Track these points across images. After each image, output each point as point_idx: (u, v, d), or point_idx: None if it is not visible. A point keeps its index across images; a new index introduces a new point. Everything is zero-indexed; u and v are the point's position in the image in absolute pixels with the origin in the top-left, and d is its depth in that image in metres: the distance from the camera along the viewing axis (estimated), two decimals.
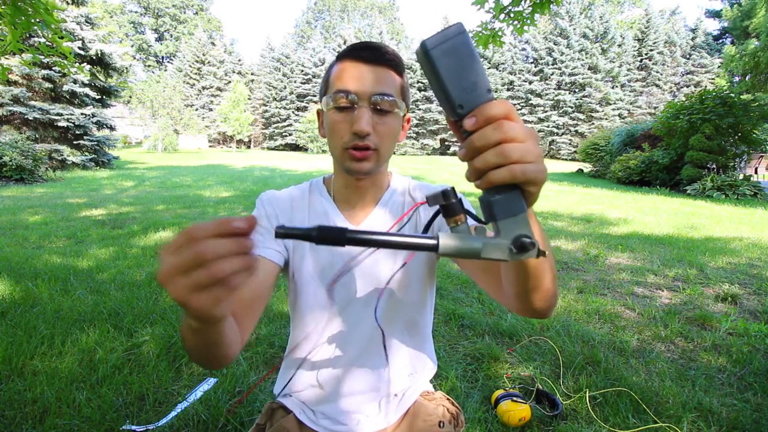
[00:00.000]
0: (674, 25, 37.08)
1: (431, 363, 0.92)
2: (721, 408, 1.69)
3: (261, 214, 0.81)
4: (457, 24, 0.37)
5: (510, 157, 0.37)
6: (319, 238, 0.38)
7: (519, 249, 0.38)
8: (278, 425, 0.83)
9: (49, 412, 1.56)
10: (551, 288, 0.55)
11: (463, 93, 0.37)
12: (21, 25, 1.99)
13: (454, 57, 0.36)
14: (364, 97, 0.69)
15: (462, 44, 0.36)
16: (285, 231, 0.39)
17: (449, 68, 0.36)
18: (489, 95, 0.37)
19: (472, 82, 0.37)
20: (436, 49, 0.36)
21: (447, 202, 0.39)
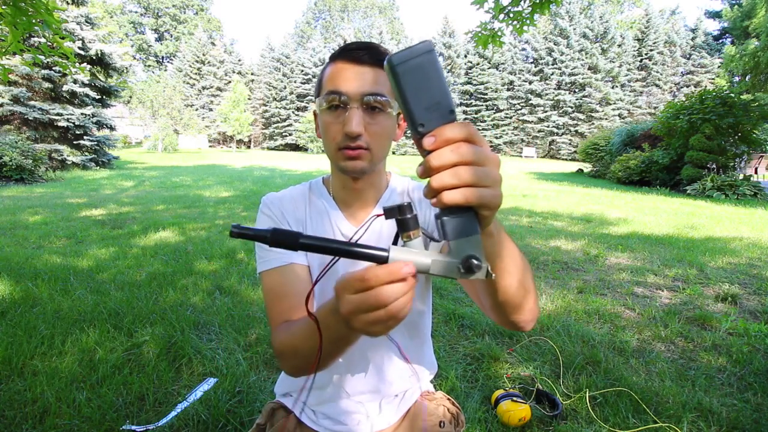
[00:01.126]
0: (674, 25, 37.06)
1: (432, 364, 0.92)
2: (721, 408, 1.70)
3: (268, 219, 0.82)
4: (426, 42, 0.37)
5: (464, 180, 0.37)
6: (272, 241, 0.40)
7: (466, 270, 0.39)
8: (278, 425, 0.83)
9: (49, 412, 1.56)
10: (528, 306, 0.58)
11: (425, 112, 0.37)
12: (22, 25, 1.99)
13: (418, 75, 0.36)
14: (355, 97, 0.69)
15: (428, 63, 0.36)
16: (240, 231, 0.40)
17: (413, 86, 0.36)
18: (451, 116, 0.38)
19: (435, 102, 0.37)
20: (401, 65, 0.36)
21: (402, 217, 0.40)
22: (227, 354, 2.03)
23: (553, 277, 3.39)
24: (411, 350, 0.86)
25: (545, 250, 4.17)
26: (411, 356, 0.87)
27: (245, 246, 3.94)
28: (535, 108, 34.41)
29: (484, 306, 0.63)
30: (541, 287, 3.10)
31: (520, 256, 0.54)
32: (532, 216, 6.28)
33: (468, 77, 35.46)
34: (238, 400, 1.69)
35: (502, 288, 0.54)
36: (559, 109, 34.08)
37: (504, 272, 0.52)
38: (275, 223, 0.80)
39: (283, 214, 0.81)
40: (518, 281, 0.54)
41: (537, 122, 34.56)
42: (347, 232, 0.81)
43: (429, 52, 0.36)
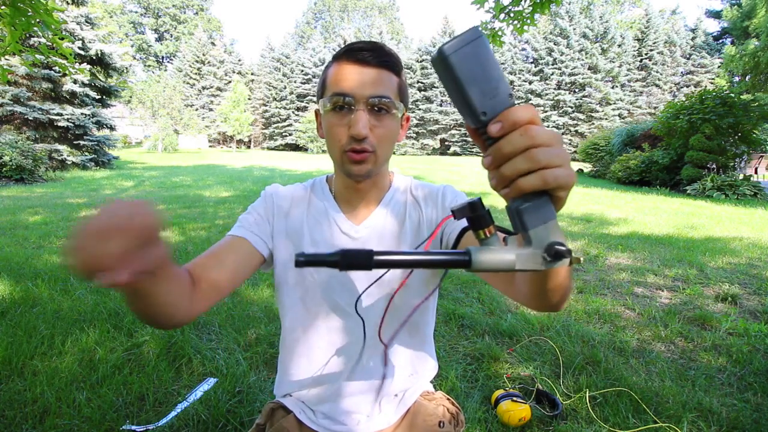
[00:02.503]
0: (674, 25, 37.07)
1: (432, 363, 0.92)
2: (721, 408, 1.69)
3: (261, 202, 0.84)
4: (474, 28, 0.36)
5: (540, 162, 0.36)
6: (344, 264, 0.37)
7: (553, 257, 0.37)
8: (278, 425, 0.83)
9: (49, 412, 1.56)
10: (569, 284, 0.54)
11: (486, 99, 0.36)
12: (21, 26, 1.99)
13: (473, 62, 0.35)
14: (361, 99, 0.68)
15: (481, 48, 0.35)
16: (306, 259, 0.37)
17: (470, 74, 0.35)
18: (511, 100, 0.36)
19: (494, 87, 0.36)
20: (455, 54, 0.35)
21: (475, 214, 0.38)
22: (227, 354, 2.03)
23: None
24: (412, 350, 0.86)
25: None
26: (411, 356, 0.87)
27: None
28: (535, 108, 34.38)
29: (519, 293, 0.59)
30: None
31: None
32: None
33: None
34: (238, 400, 1.69)
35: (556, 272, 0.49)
36: (559, 109, 34.09)
37: None
38: (265, 212, 0.82)
39: (275, 204, 0.83)
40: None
41: None
42: (347, 229, 0.81)
43: (480, 37, 0.35)
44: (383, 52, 0.70)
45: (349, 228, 0.81)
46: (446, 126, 36.48)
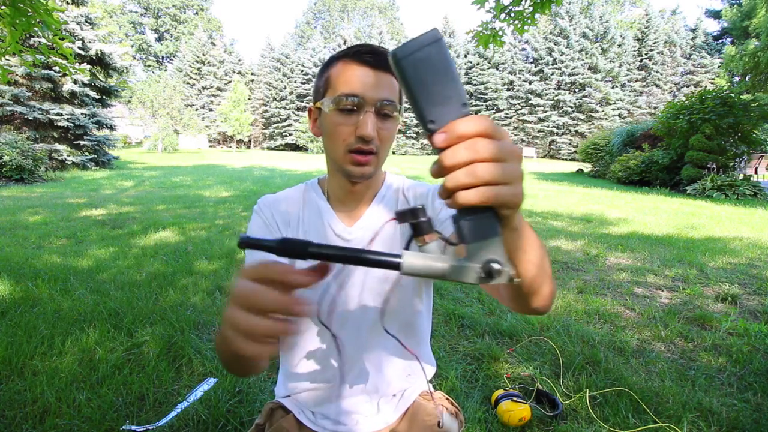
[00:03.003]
0: (674, 25, 37.06)
1: (430, 364, 0.92)
2: (721, 408, 1.70)
3: (258, 219, 0.83)
4: (432, 31, 0.33)
5: (481, 178, 0.34)
6: (281, 251, 0.38)
7: (486, 275, 0.36)
8: (277, 425, 0.83)
9: (49, 412, 1.56)
10: (547, 290, 0.55)
11: (435, 107, 0.34)
12: (21, 26, 1.99)
13: (426, 68, 0.33)
14: (370, 101, 0.69)
15: (436, 54, 0.33)
16: (248, 242, 0.38)
17: (420, 80, 0.33)
18: (464, 109, 0.35)
19: (446, 95, 0.34)
20: (406, 59, 0.33)
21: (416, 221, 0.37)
22: None
23: (553, 276, 3.38)
24: (411, 349, 0.86)
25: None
26: (409, 356, 0.87)
27: None
28: (535, 108, 34.41)
29: (501, 296, 0.62)
30: None
31: (539, 244, 0.52)
32: (532, 216, 6.28)
33: (468, 77, 35.46)
34: (238, 400, 1.69)
35: (526, 280, 0.51)
36: (559, 109, 34.08)
37: (528, 264, 0.50)
38: (264, 224, 0.81)
39: (273, 215, 0.82)
40: (540, 269, 0.52)
41: (537, 122, 34.56)
42: (340, 231, 0.81)
43: (436, 41, 0.33)
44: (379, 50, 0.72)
45: (342, 230, 0.81)
46: None
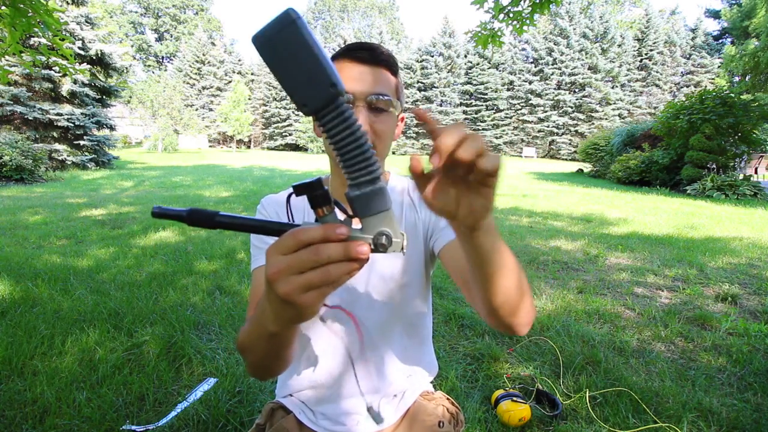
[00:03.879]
0: (674, 25, 37.06)
1: (431, 365, 0.92)
2: (721, 408, 1.70)
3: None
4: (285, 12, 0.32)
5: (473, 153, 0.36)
6: (190, 220, 0.39)
7: (378, 246, 0.38)
8: (278, 425, 0.83)
9: (49, 412, 1.56)
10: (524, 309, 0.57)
11: (304, 89, 0.34)
12: (21, 26, 1.99)
13: (284, 51, 0.32)
14: (360, 96, 0.70)
15: (293, 36, 0.32)
16: (161, 211, 0.39)
17: (281, 64, 0.33)
18: (332, 90, 0.34)
19: (310, 78, 0.33)
20: (264, 45, 0.33)
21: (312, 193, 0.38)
22: (227, 354, 2.03)
23: (553, 277, 3.39)
24: (410, 351, 0.86)
25: (545, 250, 4.17)
26: (410, 357, 0.87)
27: (245, 246, 3.94)
28: (535, 108, 34.41)
29: (481, 311, 0.62)
30: (541, 287, 3.10)
31: (514, 263, 0.53)
32: (532, 216, 6.28)
33: (468, 77, 35.47)
34: (238, 400, 1.69)
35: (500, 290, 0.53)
36: (559, 109, 34.08)
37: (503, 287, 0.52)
38: None
39: (278, 214, 0.83)
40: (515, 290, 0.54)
41: (537, 122, 34.56)
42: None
43: (290, 23, 0.32)
44: (381, 52, 0.72)
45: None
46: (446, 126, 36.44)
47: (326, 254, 0.36)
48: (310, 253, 0.36)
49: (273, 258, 0.37)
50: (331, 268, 0.36)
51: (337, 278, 0.37)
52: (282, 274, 0.37)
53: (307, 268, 0.36)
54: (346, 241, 0.37)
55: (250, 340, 0.55)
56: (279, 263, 0.37)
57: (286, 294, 0.37)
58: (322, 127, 0.35)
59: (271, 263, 0.37)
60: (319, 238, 0.36)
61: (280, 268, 0.37)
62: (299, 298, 0.37)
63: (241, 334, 0.60)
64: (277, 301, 0.39)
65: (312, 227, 0.37)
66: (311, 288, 0.37)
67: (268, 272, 0.37)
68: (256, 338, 0.52)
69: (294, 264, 0.36)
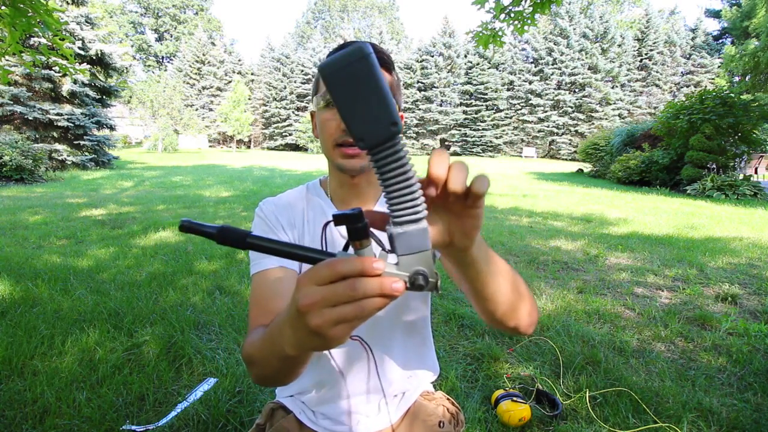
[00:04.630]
0: (674, 25, 37.06)
1: (432, 366, 0.92)
2: (721, 408, 1.70)
3: (261, 223, 0.81)
4: (358, 46, 0.33)
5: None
6: (220, 238, 0.39)
7: (412, 285, 0.38)
8: (278, 425, 0.83)
9: (49, 412, 1.56)
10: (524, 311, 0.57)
11: (363, 125, 0.34)
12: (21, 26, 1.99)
13: (352, 85, 0.33)
14: None
15: (362, 71, 0.32)
16: (189, 225, 0.38)
17: (347, 97, 0.33)
18: (393, 129, 0.34)
19: (374, 114, 0.34)
20: (332, 75, 0.33)
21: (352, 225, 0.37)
22: (227, 354, 2.03)
23: (553, 277, 3.39)
24: (411, 353, 0.86)
25: (545, 250, 4.17)
26: (411, 358, 0.86)
27: None
28: (535, 108, 34.41)
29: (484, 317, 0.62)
30: (541, 287, 3.10)
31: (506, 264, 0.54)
32: (532, 216, 6.28)
33: (468, 77, 35.46)
34: (238, 400, 1.69)
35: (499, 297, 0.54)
36: (559, 109, 34.08)
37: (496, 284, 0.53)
38: (268, 228, 0.80)
39: (278, 218, 0.81)
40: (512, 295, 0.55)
41: (537, 122, 34.56)
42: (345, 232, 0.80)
43: (362, 58, 0.32)
44: (375, 49, 0.71)
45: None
46: (446, 126, 36.47)
47: (363, 290, 0.35)
48: (347, 288, 0.35)
49: (307, 288, 0.36)
50: (364, 303, 0.36)
51: (370, 313, 0.36)
52: (316, 307, 0.36)
53: (341, 302, 0.36)
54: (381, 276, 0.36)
55: (261, 356, 0.54)
56: (313, 295, 0.36)
57: (317, 326, 0.36)
58: (374, 162, 0.36)
59: (305, 293, 0.36)
60: (357, 272, 0.36)
61: (315, 300, 0.36)
62: (329, 331, 0.36)
63: (249, 346, 0.59)
64: (305, 331, 0.38)
65: (350, 259, 0.36)
66: (343, 322, 0.36)
67: (300, 302, 0.36)
68: (268, 355, 0.52)
69: (329, 297, 0.36)
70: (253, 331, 0.67)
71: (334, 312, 0.36)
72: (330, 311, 0.36)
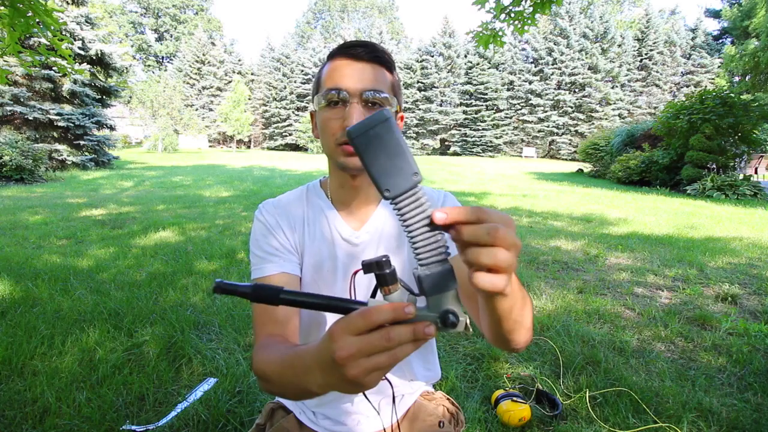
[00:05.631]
0: (674, 25, 37.05)
1: (434, 370, 0.91)
2: (721, 408, 1.69)
3: (261, 226, 0.80)
4: (381, 111, 0.38)
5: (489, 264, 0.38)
6: (254, 297, 0.43)
7: (443, 324, 0.40)
8: (278, 425, 0.83)
9: (49, 412, 1.56)
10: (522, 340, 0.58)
11: (389, 178, 0.38)
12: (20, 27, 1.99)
13: (377, 144, 0.38)
14: (355, 93, 0.69)
15: (385, 132, 0.38)
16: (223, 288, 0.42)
17: (373, 155, 0.38)
18: (415, 178, 0.38)
19: (398, 167, 0.38)
20: (359, 137, 0.38)
21: (380, 272, 0.40)
22: (227, 354, 2.03)
23: (553, 277, 3.38)
24: (412, 355, 0.86)
25: (545, 250, 4.17)
26: (412, 361, 0.86)
27: (245, 246, 3.94)
28: (535, 108, 34.40)
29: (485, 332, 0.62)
30: (541, 287, 3.10)
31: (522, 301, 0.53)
32: (532, 216, 6.28)
33: (468, 77, 35.45)
34: (238, 400, 1.69)
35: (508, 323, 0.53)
36: (559, 109, 34.07)
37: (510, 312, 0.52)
38: (268, 230, 0.79)
39: (278, 221, 0.80)
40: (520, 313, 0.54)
41: (537, 122, 34.55)
42: (347, 236, 0.79)
43: (385, 121, 0.38)
44: (376, 49, 0.71)
45: (350, 234, 0.79)
46: (446, 126, 36.47)
47: (397, 339, 0.37)
48: (382, 339, 0.37)
49: (343, 340, 0.37)
50: (398, 351, 0.37)
51: (402, 358, 0.38)
52: (353, 359, 0.37)
53: (376, 352, 0.37)
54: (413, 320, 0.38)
55: (279, 381, 0.54)
56: (350, 347, 0.37)
57: (354, 377, 0.37)
58: (398, 210, 0.39)
59: (342, 345, 0.37)
60: (390, 319, 0.37)
61: (352, 353, 0.37)
62: (365, 380, 0.38)
63: (264, 363, 0.59)
64: (339, 378, 0.39)
65: (382, 308, 0.37)
66: (378, 370, 0.38)
67: (338, 354, 0.37)
68: (288, 383, 0.52)
69: (365, 348, 0.37)
70: (265, 342, 0.66)
71: (370, 362, 0.37)
72: (366, 361, 0.37)
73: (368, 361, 0.37)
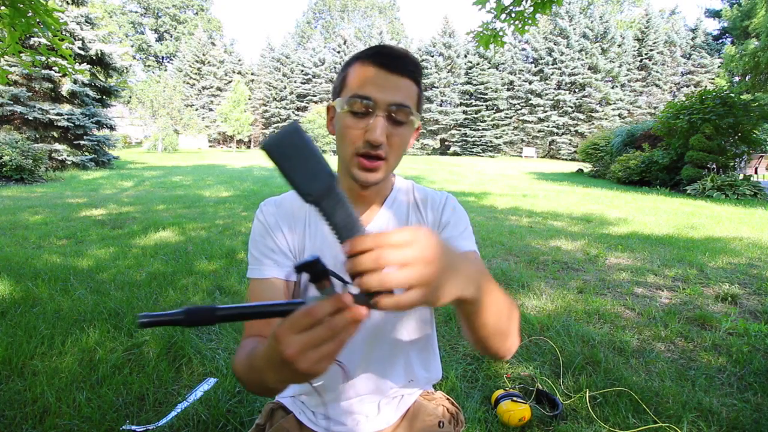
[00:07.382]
0: (674, 25, 37.07)
1: (435, 370, 0.91)
2: (721, 408, 1.69)
3: (261, 229, 0.79)
4: (292, 123, 0.41)
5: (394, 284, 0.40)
6: (188, 321, 0.42)
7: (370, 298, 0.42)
8: (278, 425, 0.83)
9: (49, 412, 1.56)
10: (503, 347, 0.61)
11: (308, 183, 0.41)
12: (20, 26, 1.99)
13: (291, 154, 0.40)
14: (381, 105, 0.66)
15: (298, 140, 0.40)
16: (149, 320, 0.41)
17: (290, 164, 0.40)
18: (330, 179, 0.41)
19: (314, 171, 0.41)
20: (275, 149, 0.40)
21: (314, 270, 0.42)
22: (227, 354, 2.03)
23: (553, 277, 3.38)
24: (413, 356, 0.86)
25: (545, 250, 4.17)
26: (413, 362, 0.86)
27: (245, 246, 3.94)
28: (535, 108, 34.42)
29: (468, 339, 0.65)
30: (541, 287, 3.10)
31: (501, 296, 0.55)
32: (532, 216, 6.28)
33: (468, 77, 35.47)
34: (238, 400, 1.69)
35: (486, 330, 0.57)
36: (559, 109, 34.09)
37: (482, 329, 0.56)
38: (266, 232, 0.78)
39: (278, 222, 0.79)
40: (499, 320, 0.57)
41: (537, 122, 34.56)
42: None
43: (295, 131, 0.40)
44: (409, 61, 0.69)
45: None
46: (446, 126, 36.47)
47: (341, 325, 0.39)
48: (327, 330, 0.39)
49: (289, 338, 0.40)
50: (342, 336, 0.40)
51: (347, 342, 0.40)
52: (302, 353, 0.39)
53: (324, 342, 0.39)
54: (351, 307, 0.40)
55: (248, 380, 0.56)
56: (297, 343, 0.39)
57: (306, 369, 0.40)
58: (322, 212, 0.41)
59: (288, 343, 0.39)
60: (332, 311, 0.39)
61: (299, 348, 0.39)
62: (316, 369, 0.40)
63: (238, 363, 0.60)
64: (291, 373, 0.41)
65: (323, 303, 0.40)
66: (328, 357, 0.40)
67: (286, 352, 0.39)
68: (255, 381, 0.54)
69: (311, 342, 0.39)
70: (244, 343, 0.67)
71: (319, 352, 0.39)
72: (314, 352, 0.39)
73: (316, 352, 0.39)
